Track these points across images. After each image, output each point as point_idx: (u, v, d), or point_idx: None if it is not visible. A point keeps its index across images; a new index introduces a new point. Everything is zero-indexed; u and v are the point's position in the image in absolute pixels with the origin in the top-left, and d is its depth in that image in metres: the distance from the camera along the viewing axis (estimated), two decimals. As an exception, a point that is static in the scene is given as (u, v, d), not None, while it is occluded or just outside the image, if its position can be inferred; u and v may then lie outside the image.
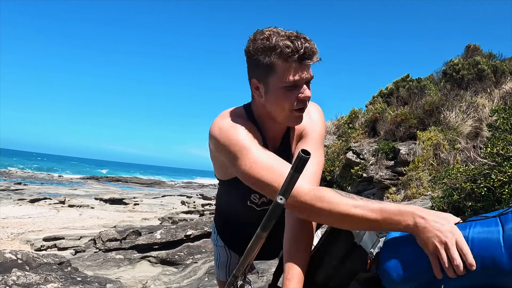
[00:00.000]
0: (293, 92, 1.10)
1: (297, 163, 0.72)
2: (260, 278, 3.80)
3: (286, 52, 1.05)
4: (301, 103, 1.12)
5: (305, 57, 1.06)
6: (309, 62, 1.07)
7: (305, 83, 1.11)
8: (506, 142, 3.18)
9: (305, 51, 1.05)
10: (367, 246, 1.16)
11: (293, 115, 1.14)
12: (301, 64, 1.07)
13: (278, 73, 1.09)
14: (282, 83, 1.09)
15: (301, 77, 1.08)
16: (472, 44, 11.65)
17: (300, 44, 1.05)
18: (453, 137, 7.20)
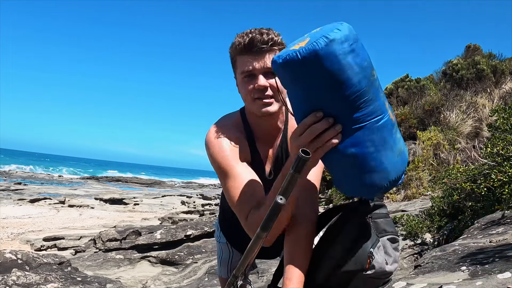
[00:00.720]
0: (251, 82, 1.17)
1: (297, 163, 0.72)
2: (260, 278, 3.80)
3: (237, 45, 1.16)
4: (258, 92, 1.16)
5: (252, 47, 1.13)
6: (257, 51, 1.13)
7: (263, 73, 1.16)
8: (506, 142, 3.18)
9: (251, 41, 1.13)
10: (366, 245, 1.16)
11: (256, 104, 1.18)
12: (252, 55, 1.14)
13: (238, 66, 1.19)
14: (241, 75, 1.18)
15: (254, 67, 1.14)
16: (472, 44, 11.65)
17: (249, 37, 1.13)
18: (453, 137, 7.20)
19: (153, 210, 15.97)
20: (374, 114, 0.89)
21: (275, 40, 1.15)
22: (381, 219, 1.27)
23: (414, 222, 4.02)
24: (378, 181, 0.96)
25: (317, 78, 0.85)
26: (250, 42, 1.13)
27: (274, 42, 1.15)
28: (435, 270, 2.03)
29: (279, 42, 1.16)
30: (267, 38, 1.13)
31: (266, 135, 1.30)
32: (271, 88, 1.17)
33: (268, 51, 1.14)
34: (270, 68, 1.14)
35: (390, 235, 1.25)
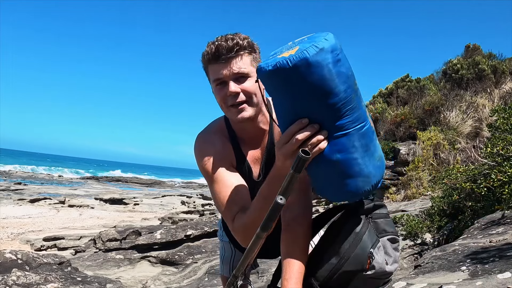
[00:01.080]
0: (223, 90, 1.17)
1: (297, 163, 0.72)
2: (260, 278, 3.80)
3: (205, 55, 1.17)
4: (231, 98, 1.16)
5: (218, 55, 1.13)
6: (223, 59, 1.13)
7: (234, 79, 1.16)
8: (506, 142, 3.18)
9: (218, 50, 1.13)
10: (366, 246, 1.16)
11: (231, 111, 1.19)
12: (218, 62, 1.15)
13: (210, 75, 1.20)
14: (213, 83, 1.19)
15: (222, 74, 1.15)
16: (472, 44, 11.65)
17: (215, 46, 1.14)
18: (453, 137, 7.20)
19: (153, 210, 15.97)
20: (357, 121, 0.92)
21: (240, 44, 1.14)
22: (381, 219, 1.27)
23: (414, 222, 4.02)
24: (361, 185, 0.99)
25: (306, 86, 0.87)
26: (216, 50, 1.13)
27: (240, 47, 1.15)
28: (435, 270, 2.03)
29: (244, 45, 1.16)
30: (232, 43, 1.13)
31: (251, 138, 1.30)
32: (244, 92, 1.17)
33: (235, 57, 1.14)
34: (240, 73, 1.15)
35: (390, 235, 1.25)
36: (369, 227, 1.21)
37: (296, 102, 0.90)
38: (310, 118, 0.90)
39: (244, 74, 1.16)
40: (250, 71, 1.17)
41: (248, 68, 1.16)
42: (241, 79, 1.16)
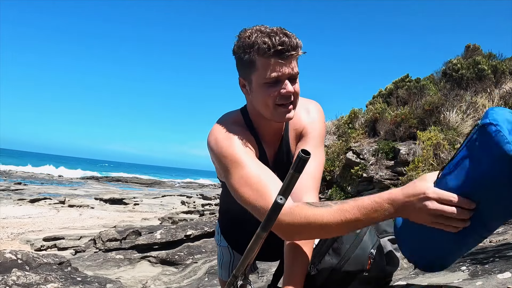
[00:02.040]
0: (275, 88, 1.10)
1: (297, 163, 0.72)
2: (260, 278, 3.80)
3: (263, 48, 1.06)
4: (284, 98, 1.11)
5: (282, 51, 1.06)
6: (287, 56, 1.07)
7: (288, 78, 1.11)
8: (506, 142, 3.18)
9: (282, 45, 1.06)
10: (367, 246, 1.16)
11: (278, 111, 1.13)
12: (279, 59, 1.07)
13: (258, 69, 1.10)
14: (263, 80, 1.10)
15: (282, 72, 1.09)
16: (472, 44, 11.65)
17: (277, 40, 1.06)
18: (453, 137, 7.20)
19: (153, 210, 15.97)
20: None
21: (300, 45, 1.11)
22: (382, 219, 1.27)
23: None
24: (452, 262, 1.00)
25: None
26: (280, 45, 1.06)
27: (300, 47, 1.11)
28: (435, 270, 2.02)
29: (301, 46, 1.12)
30: (296, 42, 1.08)
31: (269, 137, 1.28)
32: (294, 94, 1.13)
33: (295, 56, 1.10)
34: (296, 74, 1.12)
35: (390, 236, 1.25)
36: (370, 228, 1.21)
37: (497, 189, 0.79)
38: (479, 204, 0.81)
39: (297, 74, 1.13)
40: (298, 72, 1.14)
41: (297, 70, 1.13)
42: (292, 80, 1.12)
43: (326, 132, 11.11)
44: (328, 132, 11.13)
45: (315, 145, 1.24)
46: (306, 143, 1.25)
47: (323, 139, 1.29)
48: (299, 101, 1.25)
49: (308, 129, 1.27)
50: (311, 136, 1.26)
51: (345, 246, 1.15)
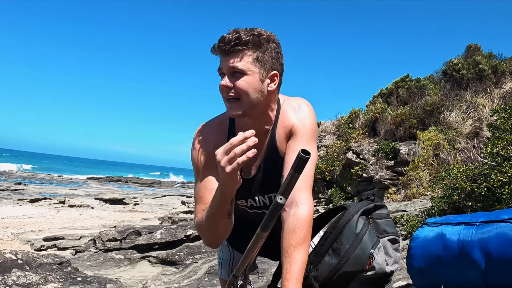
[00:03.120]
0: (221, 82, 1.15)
1: (297, 163, 0.72)
2: (260, 278, 3.79)
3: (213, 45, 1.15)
4: (223, 92, 1.15)
5: (220, 46, 1.12)
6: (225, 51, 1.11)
7: (231, 73, 1.13)
8: (506, 142, 3.18)
9: (220, 40, 1.12)
10: (367, 246, 1.16)
11: (225, 104, 1.18)
12: (221, 54, 1.13)
13: None
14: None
15: (221, 66, 1.14)
16: (473, 44, 11.65)
17: (222, 36, 1.12)
18: (453, 137, 7.20)
19: (153, 210, 15.97)
20: None
21: (242, 39, 1.09)
22: (382, 219, 1.27)
23: (414, 222, 4.02)
24: None
25: None
26: (219, 41, 1.13)
27: (240, 42, 1.09)
28: (435, 270, 2.02)
29: (246, 41, 1.10)
30: (234, 37, 1.10)
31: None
32: (235, 89, 1.13)
33: (234, 51, 1.11)
34: (235, 69, 1.12)
35: (390, 236, 1.25)
36: (370, 228, 1.21)
37: None
38: None
39: (239, 70, 1.11)
40: (248, 68, 1.11)
41: (246, 65, 1.11)
42: (237, 74, 1.12)
43: (326, 132, 11.14)
44: (328, 132, 11.13)
45: (306, 142, 1.23)
46: (297, 141, 1.23)
47: (315, 136, 1.28)
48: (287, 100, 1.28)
49: (297, 127, 1.25)
50: (301, 133, 1.24)
51: (345, 247, 1.15)
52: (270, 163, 1.28)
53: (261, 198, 1.33)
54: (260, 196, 1.33)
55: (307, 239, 1.09)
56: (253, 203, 1.35)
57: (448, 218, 1.53)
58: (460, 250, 1.31)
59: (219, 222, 1.13)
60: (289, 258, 1.05)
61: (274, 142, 1.26)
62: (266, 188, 1.31)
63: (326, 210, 1.37)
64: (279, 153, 1.27)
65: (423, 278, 1.47)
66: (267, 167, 1.28)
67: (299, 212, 1.10)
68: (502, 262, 1.16)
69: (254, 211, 1.37)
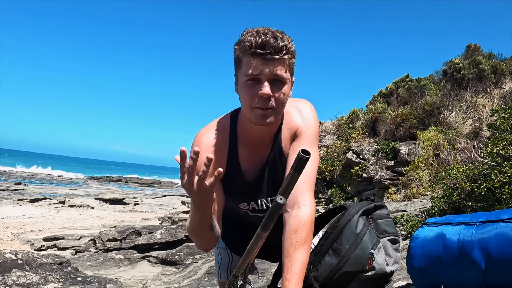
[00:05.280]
0: (255, 88, 1.08)
1: (297, 163, 0.72)
2: (260, 278, 3.80)
3: (246, 46, 1.06)
4: (261, 101, 1.08)
5: (263, 51, 1.04)
6: (269, 57, 1.05)
7: (271, 81, 1.08)
8: (506, 142, 3.18)
9: (264, 45, 1.04)
10: (367, 246, 1.16)
11: (254, 112, 1.11)
12: (261, 59, 1.05)
13: (242, 67, 1.10)
14: (245, 77, 1.09)
15: (262, 72, 1.06)
16: (472, 44, 11.65)
17: (261, 39, 1.04)
18: (453, 137, 7.20)
19: (153, 210, 15.97)
20: None
21: (288, 48, 1.07)
22: (382, 220, 1.27)
23: (414, 222, 4.02)
24: None
25: None
26: (262, 44, 1.04)
27: (288, 51, 1.07)
28: (435, 270, 2.02)
29: (291, 50, 1.08)
30: (282, 45, 1.05)
31: (255, 140, 1.25)
32: (275, 99, 1.09)
33: (279, 59, 1.06)
34: (279, 77, 1.08)
35: (390, 236, 1.25)
36: (370, 228, 1.21)
37: None
38: None
39: (282, 79, 1.08)
40: (287, 78, 1.10)
41: (286, 74, 1.09)
42: (276, 83, 1.08)
43: (326, 132, 11.13)
44: (328, 132, 11.12)
45: (310, 144, 1.22)
46: (301, 143, 1.22)
47: (317, 138, 1.27)
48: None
49: (302, 129, 1.25)
50: (305, 135, 1.24)
51: (345, 247, 1.15)
52: (275, 165, 1.27)
53: (264, 201, 1.32)
54: (263, 199, 1.32)
55: (308, 239, 1.09)
56: (256, 206, 1.33)
57: (448, 218, 1.53)
58: (460, 250, 1.31)
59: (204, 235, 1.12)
60: (290, 258, 1.05)
61: (279, 144, 1.26)
62: (271, 190, 1.30)
63: (326, 210, 1.37)
64: (284, 155, 1.26)
65: (423, 278, 1.47)
66: (272, 169, 1.27)
67: (301, 213, 1.10)
68: (502, 262, 1.15)
69: (255, 214, 1.35)
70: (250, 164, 1.27)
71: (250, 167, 1.27)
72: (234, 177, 1.25)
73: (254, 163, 1.27)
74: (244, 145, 1.25)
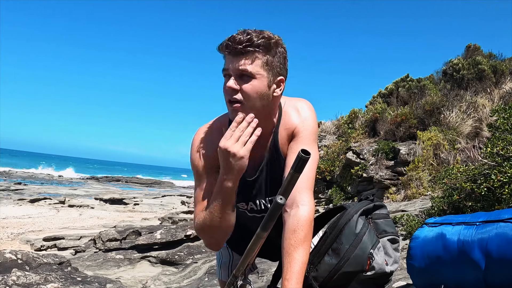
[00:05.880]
0: (225, 83, 1.13)
1: (297, 163, 0.72)
2: (260, 278, 3.80)
3: (221, 43, 1.12)
4: (227, 94, 1.12)
5: (229, 46, 1.09)
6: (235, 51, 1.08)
7: (237, 75, 1.10)
8: (506, 142, 3.18)
9: (230, 40, 1.09)
10: (366, 246, 1.16)
11: (228, 107, 1.15)
12: (230, 55, 1.10)
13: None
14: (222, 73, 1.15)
15: (229, 67, 1.11)
16: (472, 44, 11.65)
17: (232, 36, 1.09)
18: (453, 137, 7.20)
19: (153, 210, 15.98)
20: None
21: (253, 41, 1.07)
22: (381, 219, 1.27)
23: (414, 222, 4.02)
24: None
25: None
26: (228, 41, 1.09)
27: (252, 44, 1.07)
28: (435, 270, 2.02)
29: (258, 43, 1.08)
30: (245, 38, 1.07)
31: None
32: (241, 92, 1.10)
33: (244, 53, 1.08)
34: (243, 71, 1.09)
35: (390, 236, 1.25)
36: (369, 228, 1.21)
37: None
38: None
39: (248, 73, 1.09)
40: (257, 72, 1.09)
41: (255, 68, 1.09)
42: (244, 77, 1.09)
43: (326, 132, 11.13)
44: (328, 132, 11.13)
45: (308, 144, 1.22)
46: (299, 143, 1.22)
47: (316, 137, 1.27)
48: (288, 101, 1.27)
49: (299, 128, 1.24)
50: (303, 135, 1.23)
51: (345, 247, 1.15)
52: (272, 165, 1.27)
53: (262, 201, 1.32)
54: (261, 199, 1.32)
55: (307, 239, 1.08)
56: (254, 206, 1.33)
57: (448, 218, 1.53)
58: (460, 250, 1.31)
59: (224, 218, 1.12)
60: (289, 258, 1.05)
61: (276, 144, 1.25)
62: (268, 191, 1.30)
63: (326, 210, 1.37)
64: (281, 154, 1.26)
65: (423, 278, 1.47)
66: (270, 169, 1.27)
67: (300, 212, 1.10)
68: (502, 262, 1.15)
69: (253, 214, 1.35)
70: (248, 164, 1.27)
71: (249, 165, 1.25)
72: None
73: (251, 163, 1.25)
74: None
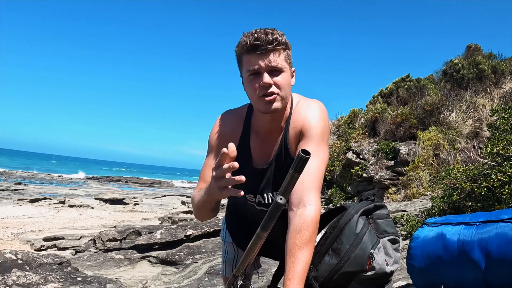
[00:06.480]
0: (257, 80, 1.21)
1: (297, 163, 0.72)
2: (260, 278, 3.79)
3: (243, 45, 1.20)
4: (263, 89, 1.20)
5: (257, 46, 1.17)
6: (263, 51, 1.17)
7: (269, 71, 1.20)
8: (506, 142, 3.18)
9: (258, 41, 1.17)
10: (367, 246, 1.16)
11: (261, 101, 1.22)
12: (257, 54, 1.19)
13: (244, 65, 1.24)
14: (247, 73, 1.23)
15: (259, 65, 1.19)
16: (473, 44, 11.64)
17: (254, 37, 1.18)
18: (453, 137, 7.20)
19: (153, 210, 15.97)
20: None
21: (279, 40, 1.19)
22: (382, 220, 1.27)
23: (414, 222, 4.02)
24: None
25: None
26: (255, 41, 1.17)
27: (279, 42, 1.19)
28: (435, 270, 2.02)
29: (283, 42, 1.20)
30: (272, 38, 1.17)
31: (266, 132, 1.32)
32: (276, 85, 1.20)
33: (273, 50, 1.18)
34: (275, 67, 1.19)
35: (390, 236, 1.25)
36: (370, 228, 1.21)
37: None
38: None
39: (278, 68, 1.20)
40: (284, 66, 1.21)
41: (282, 63, 1.21)
42: (274, 72, 1.20)
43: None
44: (328, 132, 11.11)
45: (316, 144, 1.23)
46: (307, 142, 1.24)
47: (326, 138, 1.28)
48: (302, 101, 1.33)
49: (307, 128, 1.26)
50: (311, 134, 1.25)
51: (345, 247, 1.15)
52: (280, 161, 1.31)
53: (270, 195, 1.36)
54: (269, 193, 1.35)
55: (312, 240, 1.08)
56: (261, 199, 1.37)
57: (448, 218, 1.53)
58: (460, 250, 1.31)
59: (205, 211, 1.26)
60: (293, 258, 1.05)
61: (286, 141, 1.30)
62: (275, 185, 1.33)
63: (326, 210, 1.37)
64: (290, 152, 1.30)
65: (423, 278, 1.47)
66: (278, 164, 1.32)
67: (306, 212, 1.10)
68: (502, 262, 1.15)
69: (261, 208, 1.38)
70: (259, 155, 1.34)
71: (259, 158, 1.35)
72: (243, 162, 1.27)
73: (262, 155, 1.35)
74: (255, 135, 1.34)
